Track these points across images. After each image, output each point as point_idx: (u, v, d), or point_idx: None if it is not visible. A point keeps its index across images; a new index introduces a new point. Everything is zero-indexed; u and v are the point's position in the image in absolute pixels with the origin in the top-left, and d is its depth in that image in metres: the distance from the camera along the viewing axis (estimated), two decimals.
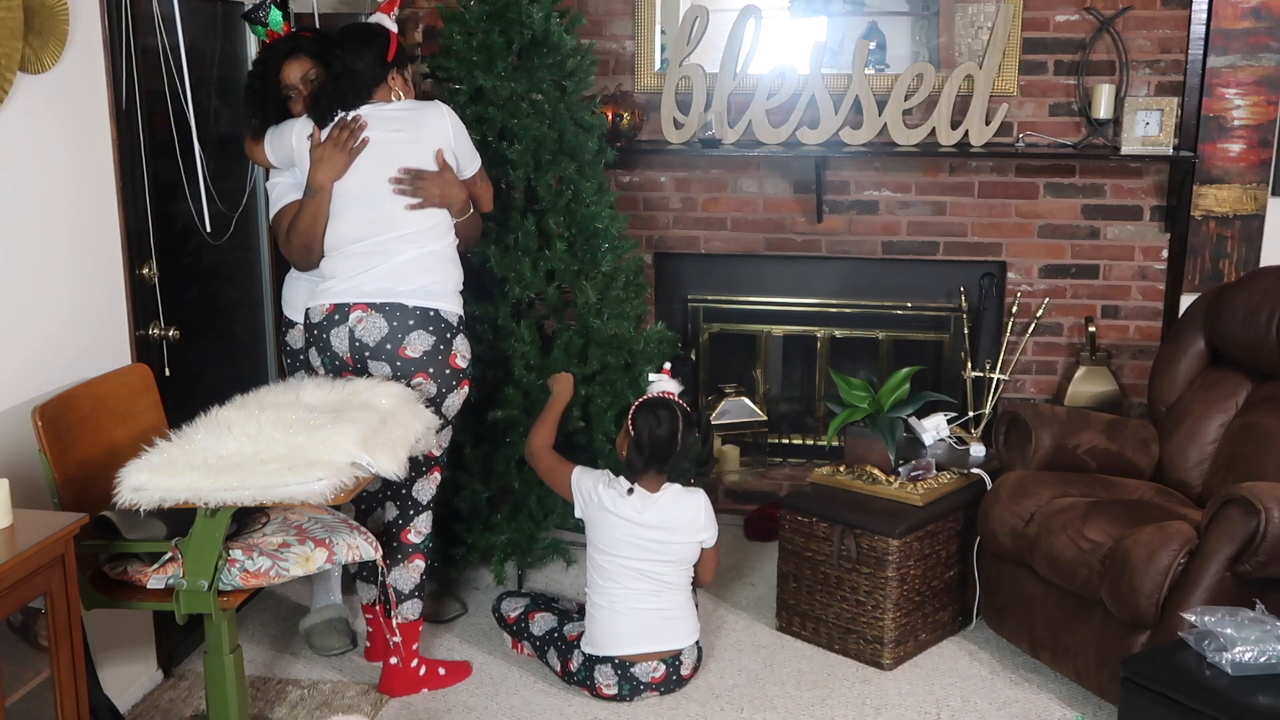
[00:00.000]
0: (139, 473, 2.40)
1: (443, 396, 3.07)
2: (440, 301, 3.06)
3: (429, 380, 3.03)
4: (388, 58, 3.07)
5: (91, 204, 2.92)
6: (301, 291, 3.30)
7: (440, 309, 3.05)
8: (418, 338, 3.01)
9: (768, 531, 4.22)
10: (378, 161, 3.02)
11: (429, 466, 3.18)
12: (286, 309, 3.39)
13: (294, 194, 3.15)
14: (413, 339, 3.01)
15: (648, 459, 3.21)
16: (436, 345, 3.03)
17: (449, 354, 3.05)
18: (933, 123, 4.07)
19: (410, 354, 3.01)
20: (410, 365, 3.01)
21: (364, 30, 3.10)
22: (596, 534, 3.24)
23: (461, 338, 3.10)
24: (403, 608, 3.18)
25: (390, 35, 3.09)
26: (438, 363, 3.03)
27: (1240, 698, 2.51)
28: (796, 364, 4.72)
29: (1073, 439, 3.53)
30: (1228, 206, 4.02)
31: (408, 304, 3.01)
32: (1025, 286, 4.29)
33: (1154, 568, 2.90)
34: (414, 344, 3.01)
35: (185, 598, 2.54)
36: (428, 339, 3.02)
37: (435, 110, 3.10)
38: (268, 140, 3.18)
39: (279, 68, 3.17)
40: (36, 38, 2.62)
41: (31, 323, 2.71)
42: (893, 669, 3.41)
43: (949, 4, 4.15)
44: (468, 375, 3.13)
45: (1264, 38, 3.89)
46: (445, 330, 3.05)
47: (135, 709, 3.14)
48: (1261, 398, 3.44)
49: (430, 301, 3.04)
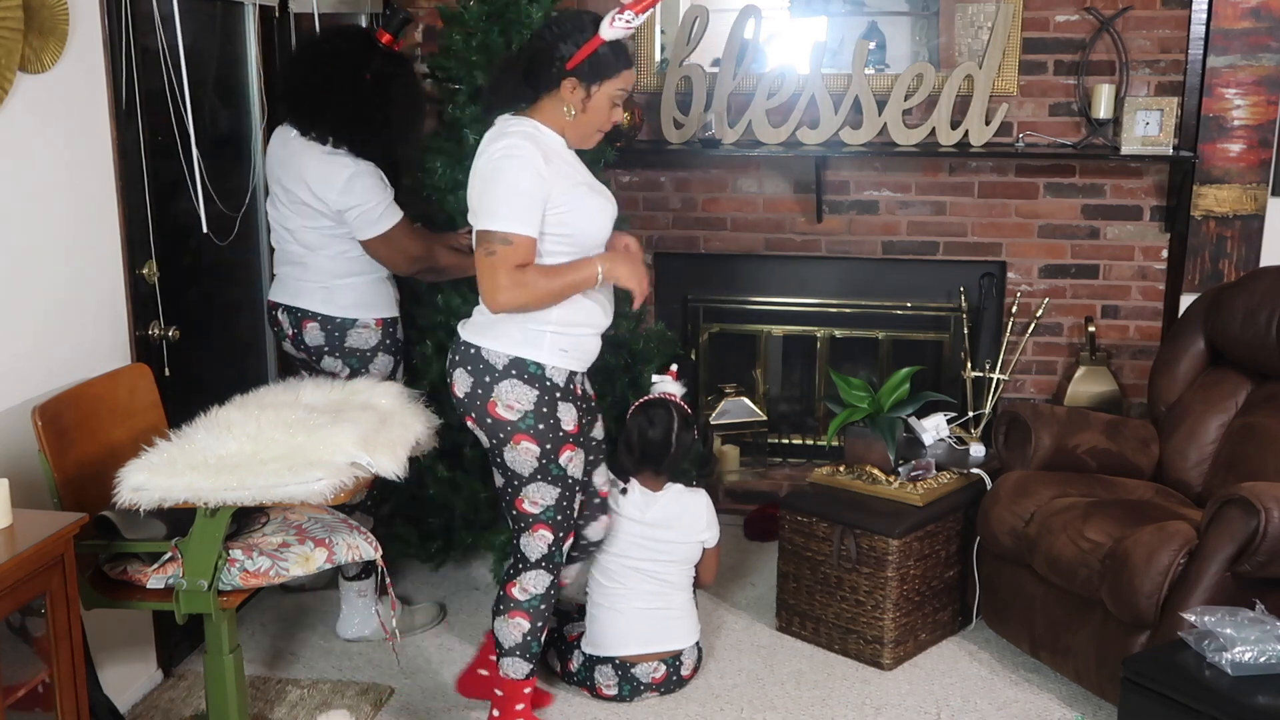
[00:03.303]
0: (139, 473, 2.40)
1: (497, 449, 2.78)
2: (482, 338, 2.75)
3: (474, 425, 2.79)
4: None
5: (91, 204, 2.92)
6: (384, 295, 3.35)
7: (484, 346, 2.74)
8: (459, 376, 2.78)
9: (768, 531, 4.22)
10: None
11: (529, 522, 2.84)
12: (352, 310, 3.30)
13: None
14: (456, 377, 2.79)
15: (639, 459, 3.21)
16: (475, 387, 2.74)
17: (487, 400, 2.73)
18: (933, 123, 4.07)
19: (457, 393, 2.79)
20: (459, 406, 2.80)
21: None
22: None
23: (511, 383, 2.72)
24: (503, 663, 2.94)
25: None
26: (478, 408, 2.75)
27: (1240, 698, 2.51)
28: (796, 364, 4.72)
29: (1073, 439, 3.53)
30: (1228, 206, 4.02)
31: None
32: (1025, 286, 4.29)
33: (1154, 568, 2.90)
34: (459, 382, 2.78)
35: (185, 598, 2.54)
36: (467, 379, 2.76)
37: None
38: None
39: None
40: (36, 37, 2.62)
41: (31, 323, 2.71)
42: (893, 669, 3.41)
43: (949, 4, 4.15)
44: (527, 430, 2.72)
45: (1264, 38, 3.89)
46: (486, 372, 2.73)
47: (135, 709, 3.13)
48: (1261, 398, 3.44)
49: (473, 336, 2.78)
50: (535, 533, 2.85)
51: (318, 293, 3.30)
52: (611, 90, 2.67)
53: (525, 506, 2.82)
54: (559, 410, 2.76)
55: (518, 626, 2.90)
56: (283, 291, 3.37)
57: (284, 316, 3.36)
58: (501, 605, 2.92)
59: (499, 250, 2.56)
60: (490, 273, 2.58)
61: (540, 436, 2.73)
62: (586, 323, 2.76)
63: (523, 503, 2.81)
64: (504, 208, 2.57)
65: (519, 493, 2.80)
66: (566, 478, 2.81)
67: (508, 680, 2.94)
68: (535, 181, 2.58)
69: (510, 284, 2.57)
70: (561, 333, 2.71)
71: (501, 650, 2.93)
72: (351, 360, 3.31)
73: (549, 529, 2.84)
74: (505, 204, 2.57)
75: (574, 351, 2.76)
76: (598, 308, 2.78)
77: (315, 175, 3.17)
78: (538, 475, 2.77)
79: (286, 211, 3.27)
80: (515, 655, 2.92)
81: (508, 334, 2.69)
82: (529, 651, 2.92)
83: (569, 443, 2.79)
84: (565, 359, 2.74)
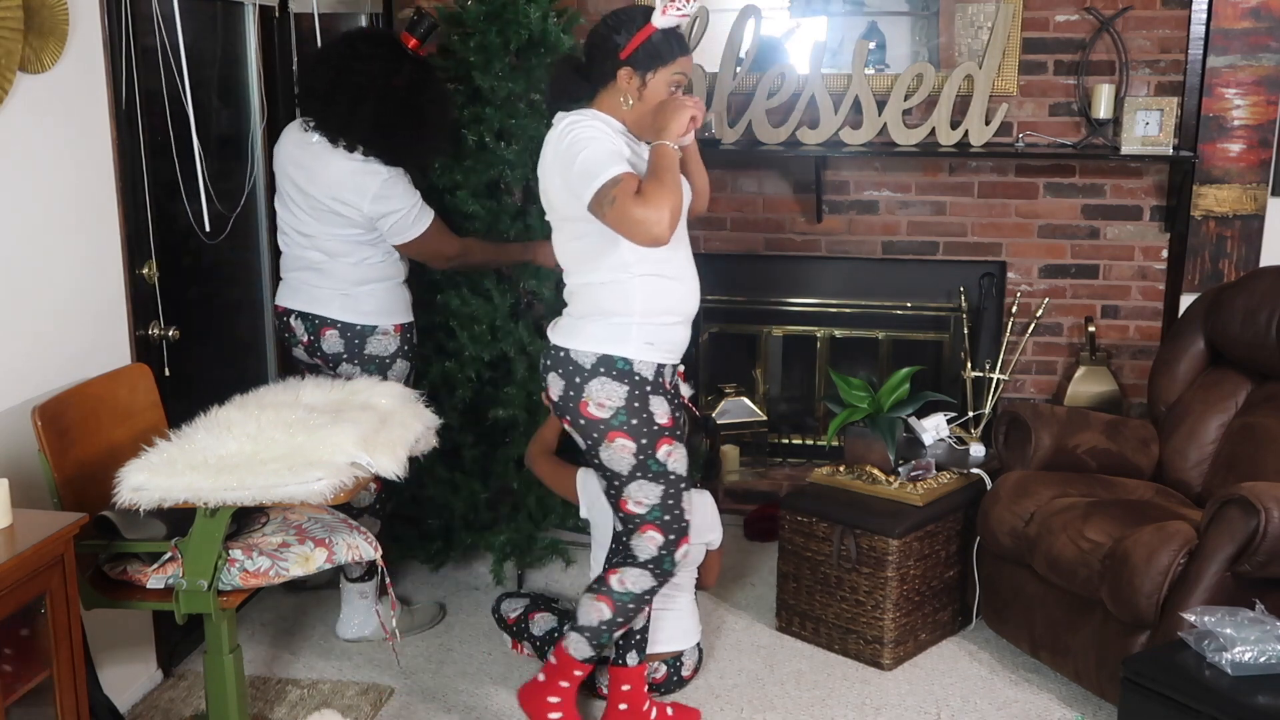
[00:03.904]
0: (139, 473, 2.40)
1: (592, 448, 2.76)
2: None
3: (570, 427, 2.78)
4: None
5: (91, 204, 2.92)
6: (402, 301, 3.33)
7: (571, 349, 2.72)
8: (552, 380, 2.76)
9: (768, 531, 4.22)
10: None
11: (637, 523, 2.80)
12: (372, 317, 3.29)
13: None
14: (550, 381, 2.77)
15: None
16: (567, 390, 2.72)
17: (579, 400, 2.71)
18: (932, 123, 4.07)
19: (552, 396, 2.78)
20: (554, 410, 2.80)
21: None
22: (602, 533, 3.24)
23: (600, 380, 2.69)
24: (570, 636, 2.92)
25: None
26: (571, 409, 2.74)
27: (1240, 698, 2.51)
28: (796, 364, 4.72)
29: (1073, 439, 3.53)
30: (1228, 206, 4.02)
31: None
32: (1025, 286, 4.29)
33: (1154, 568, 2.90)
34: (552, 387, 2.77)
35: (185, 598, 2.54)
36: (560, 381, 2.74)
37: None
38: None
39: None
40: (36, 37, 2.62)
41: (31, 323, 2.71)
42: (892, 669, 3.41)
43: (949, 4, 4.15)
44: (620, 426, 2.70)
45: (1264, 38, 3.89)
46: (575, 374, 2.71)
47: (135, 709, 3.14)
48: (1261, 398, 3.44)
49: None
50: (643, 534, 2.79)
51: (336, 299, 3.28)
52: (668, 76, 2.64)
53: (630, 507, 2.77)
54: (651, 404, 2.71)
55: (599, 611, 2.87)
56: (295, 297, 3.34)
57: (298, 323, 3.34)
58: (596, 584, 2.90)
59: (616, 194, 2.46)
60: (626, 218, 2.45)
61: (634, 432, 2.69)
62: (671, 310, 2.73)
63: (627, 503, 2.77)
64: (592, 164, 2.50)
65: (621, 493, 2.77)
66: (668, 473, 2.75)
67: (565, 654, 2.93)
68: (607, 135, 2.57)
69: (645, 208, 2.45)
70: (646, 323, 2.68)
71: (574, 624, 2.92)
72: (370, 367, 3.30)
73: (658, 530, 2.78)
74: (592, 160, 2.51)
75: (660, 343, 2.72)
76: (684, 290, 2.75)
77: (346, 184, 3.14)
78: (637, 473, 2.73)
79: (304, 216, 3.24)
80: (584, 635, 2.90)
81: (593, 333, 2.68)
82: (598, 639, 2.89)
83: (665, 436, 2.73)
84: (652, 351, 2.70)
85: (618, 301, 2.67)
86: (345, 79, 3.13)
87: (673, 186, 2.50)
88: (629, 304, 2.66)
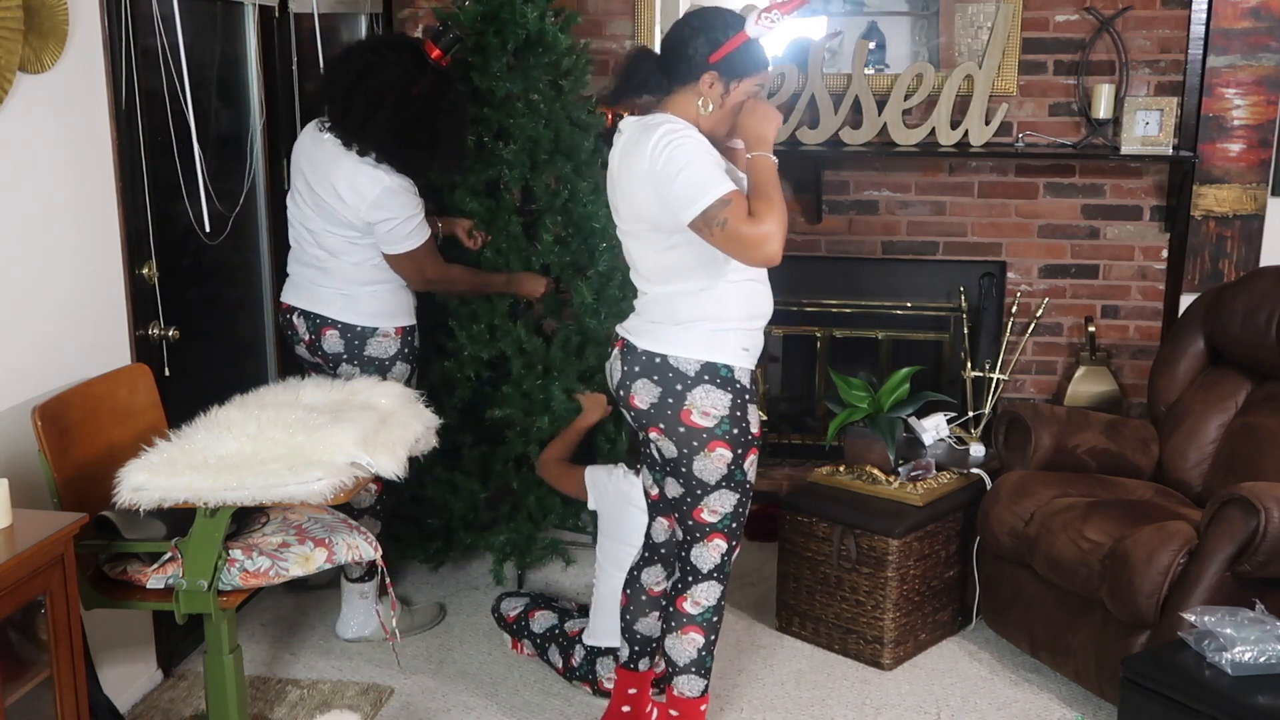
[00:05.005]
0: (139, 473, 2.40)
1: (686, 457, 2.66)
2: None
3: (660, 435, 2.65)
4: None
5: (91, 204, 2.91)
6: (404, 303, 3.33)
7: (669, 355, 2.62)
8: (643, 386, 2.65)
9: (768, 531, 4.21)
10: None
11: (706, 532, 2.73)
12: (373, 319, 3.28)
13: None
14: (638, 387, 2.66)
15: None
16: (664, 397, 2.62)
17: (679, 408, 2.60)
18: (932, 123, 4.07)
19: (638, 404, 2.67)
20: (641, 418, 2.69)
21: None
22: (612, 525, 3.24)
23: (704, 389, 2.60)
24: (677, 681, 2.81)
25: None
26: (668, 417, 2.63)
27: (1240, 698, 2.51)
28: (796, 364, 4.72)
29: (1073, 439, 3.53)
30: (1227, 206, 4.02)
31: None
32: (1025, 286, 4.29)
33: (1154, 568, 2.90)
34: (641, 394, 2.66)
35: (185, 598, 2.54)
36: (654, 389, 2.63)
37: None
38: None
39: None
40: (36, 38, 2.62)
41: (31, 323, 2.71)
42: (892, 669, 3.41)
43: (949, 4, 4.15)
44: (722, 436, 2.61)
45: (1264, 38, 3.89)
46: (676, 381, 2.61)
47: (135, 709, 3.14)
48: (1261, 398, 3.44)
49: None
50: (710, 543, 2.73)
51: (338, 299, 3.28)
52: (749, 88, 2.59)
53: (704, 516, 2.70)
54: (749, 413, 2.65)
55: (691, 642, 2.78)
56: (299, 295, 3.34)
57: (300, 321, 3.34)
58: (673, 622, 2.80)
59: (727, 216, 2.37)
60: (740, 240, 2.38)
61: (734, 441, 2.62)
62: (761, 314, 2.67)
63: (701, 512, 2.70)
64: (698, 183, 2.41)
65: (699, 502, 2.68)
66: (746, 483, 2.71)
67: (683, 700, 2.81)
68: (709, 150, 2.48)
69: (758, 228, 2.37)
70: (743, 328, 2.62)
71: (675, 668, 2.81)
72: (370, 369, 3.29)
73: (724, 538, 2.74)
74: (698, 179, 2.41)
75: (753, 349, 2.66)
76: (768, 293, 2.70)
77: (348, 185, 3.13)
78: (723, 483, 2.66)
79: (309, 211, 3.25)
80: (690, 672, 2.80)
81: (693, 341, 2.59)
82: (703, 667, 2.80)
83: (754, 446, 2.69)
84: (746, 358, 2.64)
85: (716, 307, 2.59)
86: (364, 83, 3.11)
87: (780, 202, 2.43)
88: (726, 309, 2.59)
